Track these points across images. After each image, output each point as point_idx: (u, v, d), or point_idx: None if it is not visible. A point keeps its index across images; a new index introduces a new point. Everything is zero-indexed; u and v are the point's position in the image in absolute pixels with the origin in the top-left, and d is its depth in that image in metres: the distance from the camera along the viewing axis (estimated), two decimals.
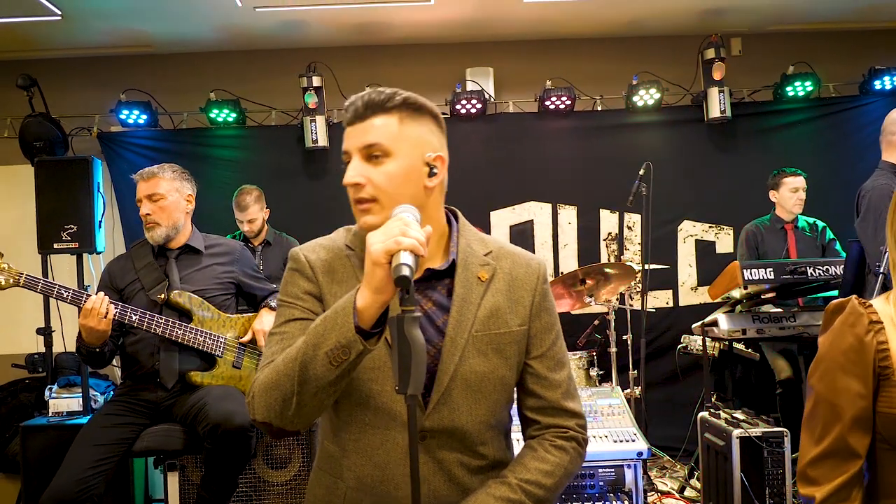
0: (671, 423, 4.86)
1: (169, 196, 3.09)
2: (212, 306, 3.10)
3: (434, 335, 1.49)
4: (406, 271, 1.21)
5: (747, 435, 3.24)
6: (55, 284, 2.87)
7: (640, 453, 2.99)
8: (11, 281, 2.83)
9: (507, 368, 1.54)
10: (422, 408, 1.46)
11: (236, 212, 4.68)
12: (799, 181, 4.67)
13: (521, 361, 1.58)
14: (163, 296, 3.03)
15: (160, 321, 2.95)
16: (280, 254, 4.76)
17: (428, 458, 1.48)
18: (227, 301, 3.21)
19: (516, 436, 1.64)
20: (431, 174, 1.48)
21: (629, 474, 3.00)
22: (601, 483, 3.00)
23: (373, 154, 1.45)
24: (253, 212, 4.65)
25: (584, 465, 2.77)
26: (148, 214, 3.06)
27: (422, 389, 1.23)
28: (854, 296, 1.44)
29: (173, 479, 3.12)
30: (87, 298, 2.82)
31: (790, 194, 4.67)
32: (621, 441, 3.06)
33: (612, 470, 3.00)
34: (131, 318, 2.91)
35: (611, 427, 3.22)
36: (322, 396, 1.36)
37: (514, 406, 1.64)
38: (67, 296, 2.85)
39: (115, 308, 2.87)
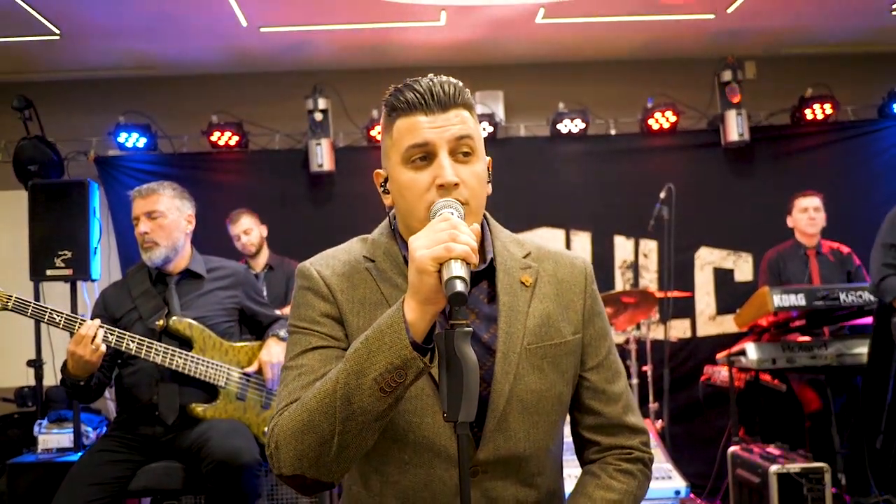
0: (693, 458, 4.64)
1: (169, 214, 2.90)
2: (214, 334, 2.90)
3: (480, 352, 1.29)
4: (461, 286, 1.07)
5: (786, 471, 3.07)
6: (47, 308, 2.66)
7: (677, 492, 2.79)
8: (0, 305, 2.63)
9: (563, 384, 1.37)
10: (471, 439, 1.26)
11: (231, 228, 4.60)
12: (809, 201, 4.55)
13: (577, 374, 1.41)
14: (161, 322, 2.83)
15: (159, 349, 2.74)
16: (283, 278, 4.61)
17: (480, 495, 1.29)
18: (231, 328, 3.01)
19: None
20: (489, 177, 1.36)
21: None
22: None
23: (462, 150, 1.29)
24: (246, 223, 4.56)
25: None
26: (146, 233, 2.86)
27: (474, 416, 1.09)
28: None
29: None
30: (81, 324, 2.61)
31: (801, 215, 4.58)
32: (657, 479, 2.85)
33: None
34: (129, 345, 2.71)
35: None
36: (366, 434, 1.18)
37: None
38: (60, 321, 2.65)
39: (112, 336, 2.67)
